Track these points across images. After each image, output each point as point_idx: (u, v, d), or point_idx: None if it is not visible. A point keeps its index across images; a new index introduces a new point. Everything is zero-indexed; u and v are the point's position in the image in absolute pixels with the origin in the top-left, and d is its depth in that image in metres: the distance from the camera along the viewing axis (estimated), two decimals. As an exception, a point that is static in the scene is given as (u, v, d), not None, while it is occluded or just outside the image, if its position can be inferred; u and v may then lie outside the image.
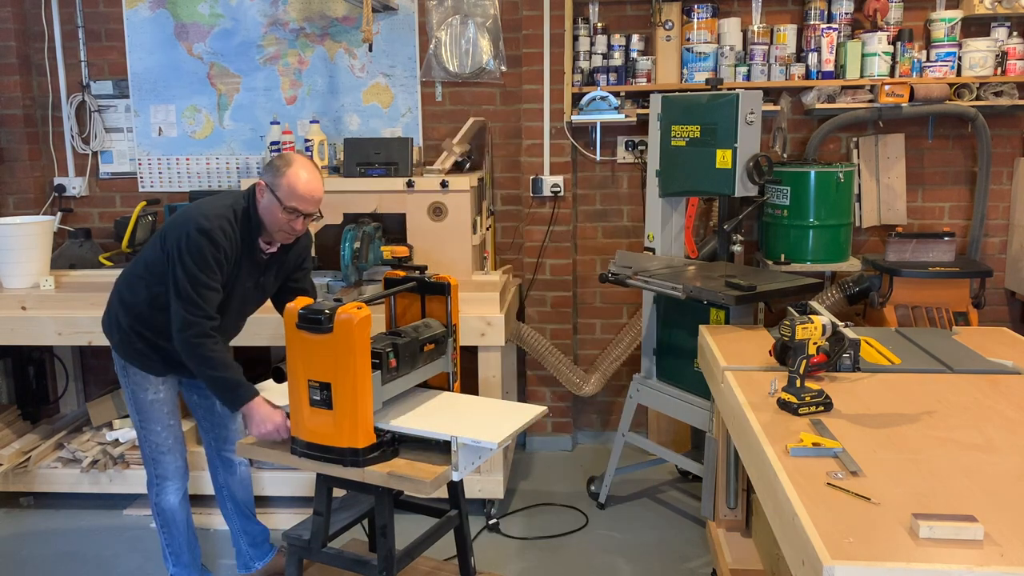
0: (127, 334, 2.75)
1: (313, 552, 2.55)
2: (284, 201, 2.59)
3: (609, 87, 4.04)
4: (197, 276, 2.55)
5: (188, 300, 2.56)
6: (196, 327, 2.56)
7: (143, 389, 2.81)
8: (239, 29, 4.35)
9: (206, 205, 2.66)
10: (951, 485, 1.71)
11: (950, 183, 4.22)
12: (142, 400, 2.82)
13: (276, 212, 2.61)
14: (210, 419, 3.01)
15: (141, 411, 2.83)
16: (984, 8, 3.90)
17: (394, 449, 2.44)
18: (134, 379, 2.80)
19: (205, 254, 2.55)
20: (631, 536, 3.50)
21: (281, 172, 2.61)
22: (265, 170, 2.67)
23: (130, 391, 2.83)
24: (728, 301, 2.95)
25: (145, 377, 2.79)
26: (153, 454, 2.87)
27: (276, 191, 2.60)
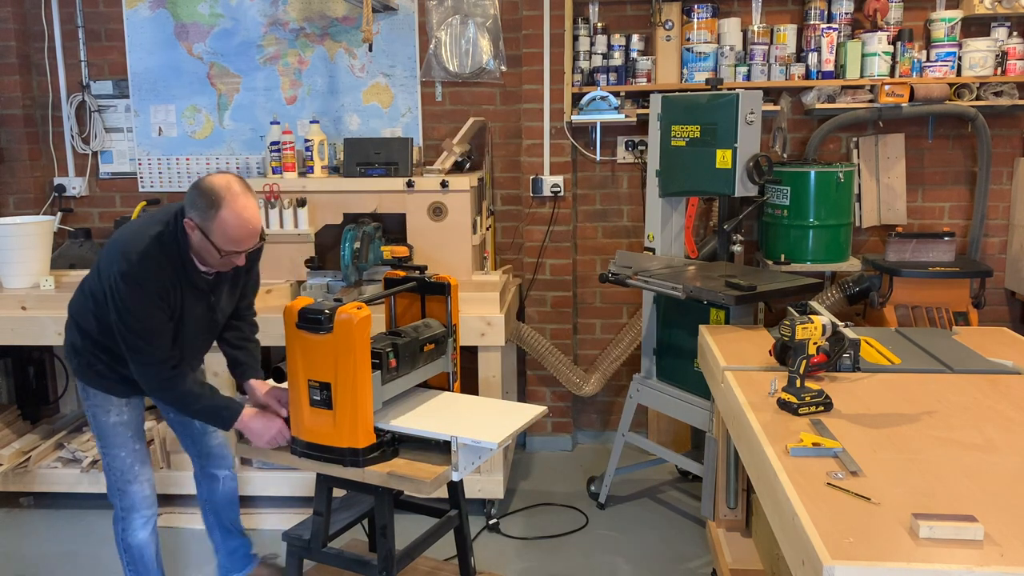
0: (85, 356, 2.62)
1: (313, 552, 2.55)
2: (219, 246, 2.39)
3: (609, 87, 4.04)
4: (134, 324, 2.40)
5: (136, 350, 2.43)
6: (156, 375, 2.47)
7: (105, 411, 2.66)
8: (239, 29, 4.35)
9: (128, 238, 2.43)
10: (951, 485, 1.71)
11: (950, 183, 4.22)
12: (104, 423, 2.67)
13: (211, 251, 2.41)
14: (189, 435, 2.91)
15: (104, 435, 2.69)
16: (984, 8, 3.90)
17: (394, 449, 2.44)
18: (95, 401, 2.66)
19: (138, 298, 2.38)
20: (631, 536, 3.50)
21: (209, 216, 2.35)
22: (190, 206, 2.39)
23: (91, 414, 2.69)
24: (728, 301, 2.95)
25: (107, 399, 2.65)
26: (119, 483, 2.70)
27: (208, 234, 2.37)
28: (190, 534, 3.54)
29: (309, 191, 3.78)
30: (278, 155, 3.93)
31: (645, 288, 3.33)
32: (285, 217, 3.76)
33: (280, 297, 3.67)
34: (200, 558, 3.35)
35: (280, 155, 3.93)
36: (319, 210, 3.78)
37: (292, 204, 3.75)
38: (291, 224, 3.76)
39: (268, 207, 3.76)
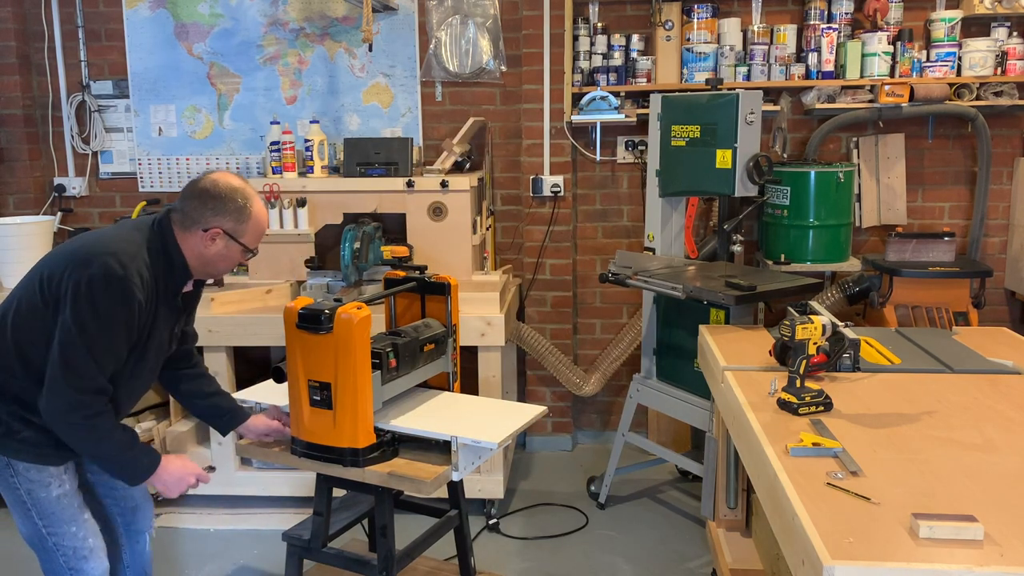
0: (8, 425, 2.14)
1: (313, 552, 2.55)
2: (251, 244, 2.26)
3: (609, 87, 4.04)
4: (93, 333, 2.01)
5: (78, 368, 2.01)
6: (87, 407, 2.04)
7: (43, 486, 2.19)
8: (239, 29, 4.35)
9: (112, 242, 2.10)
10: (951, 485, 1.71)
11: (950, 183, 4.22)
12: (44, 500, 2.20)
13: (236, 256, 2.25)
14: (112, 492, 2.46)
15: (45, 514, 2.21)
16: (984, 8, 3.90)
17: (394, 449, 2.44)
18: (26, 476, 2.18)
19: (113, 303, 2.03)
20: (631, 536, 3.50)
21: (245, 215, 2.20)
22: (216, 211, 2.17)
23: (24, 492, 2.19)
24: (728, 301, 2.95)
25: (42, 471, 2.18)
26: (71, 563, 2.25)
27: (240, 237, 2.21)
28: (190, 534, 3.55)
29: (309, 191, 3.78)
30: (278, 155, 3.93)
31: (645, 288, 3.33)
32: (285, 217, 3.76)
33: (280, 297, 3.67)
34: (200, 558, 3.35)
35: (280, 155, 3.93)
36: (319, 210, 3.78)
37: (292, 204, 3.75)
38: (291, 224, 3.76)
39: (268, 207, 3.76)
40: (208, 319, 3.46)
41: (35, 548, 2.28)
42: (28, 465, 2.17)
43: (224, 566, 3.30)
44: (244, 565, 3.31)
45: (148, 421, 3.81)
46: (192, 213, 2.18)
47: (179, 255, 2.19)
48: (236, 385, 3.54)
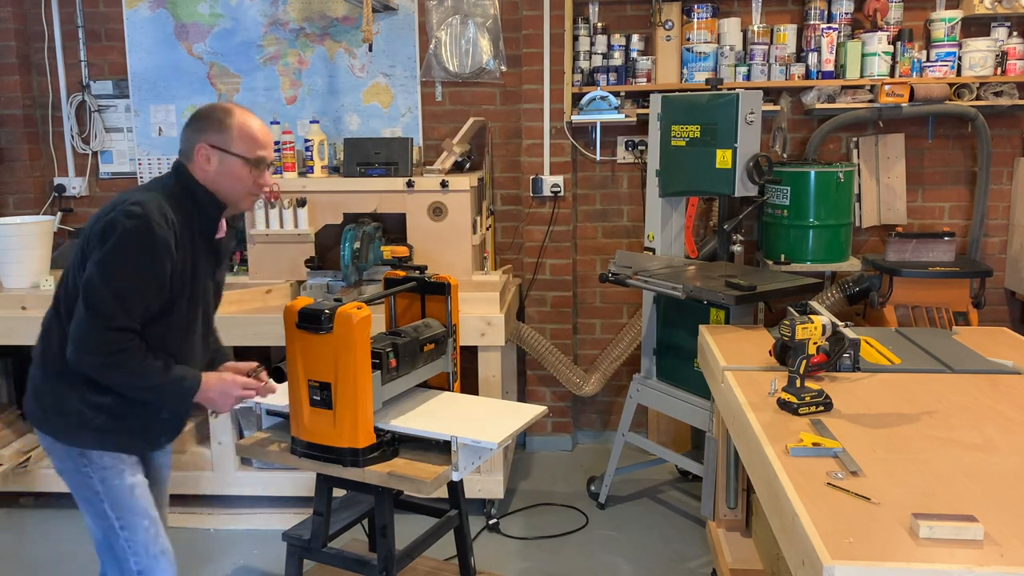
0: (80, 414, 2.09)
1: (313, 552, 2.56)
2: (248, 154, 2.13)
3: (609, 87, 4.04)
4: (119, 275, 1.97)
5: (99, 308, 1.95)
6: (110, 344, 1.97)
7: (117, 474, 2.13)
8: (239, 29, 4.35)
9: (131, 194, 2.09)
10: (951, 485, 1.71)
11: (950, 183, 4.22)
12: (118, 488, 2.12)
13: (239, 172, 2.14)
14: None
15: (118, 504, 2.12)
16: (984, 8, 3.90)
17: (394, 449, 2.44)
18: (100, 464, 2.12)
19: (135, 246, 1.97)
20: (631, 536, 3.50)
21: (227, 124, 2.11)
22: (197, 130, 2.13)
23: (98, 481, 2.12)
24: (728, 301, 2.95)
25: (116, 458, 2.14)
26: (144, 560, 2.15)
27: (230, 147, 2.11)
28: (190, 534, 3.54)
29: (309, 191, 3.78)
30: (278, 155, 3.93)
31: (645, 288, 3.33)
32: (285, 217, 3.76)
33: (280, 297, 3.67)
34: (200, 558, 3.35)
35: (280, 155, 3.93)
36: (319, 210, 3.78)
37: (292, 204, 3.75)
38: (291, 224, 3.76)
39: (268, 207, 3.76)
40: (208, 319, 3.46)
41: (104, 551, 2.19)
42: (102, 454, 2.13)
43: (224, 566, 3.30)
44: (244, 565, 3.31)
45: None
46: (184, 144, 2.17)
47: (201, 188, 2.14)
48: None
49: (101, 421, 2.10)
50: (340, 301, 2.34)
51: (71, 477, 2.16)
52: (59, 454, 2.15)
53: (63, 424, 2.12)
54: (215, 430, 3.58)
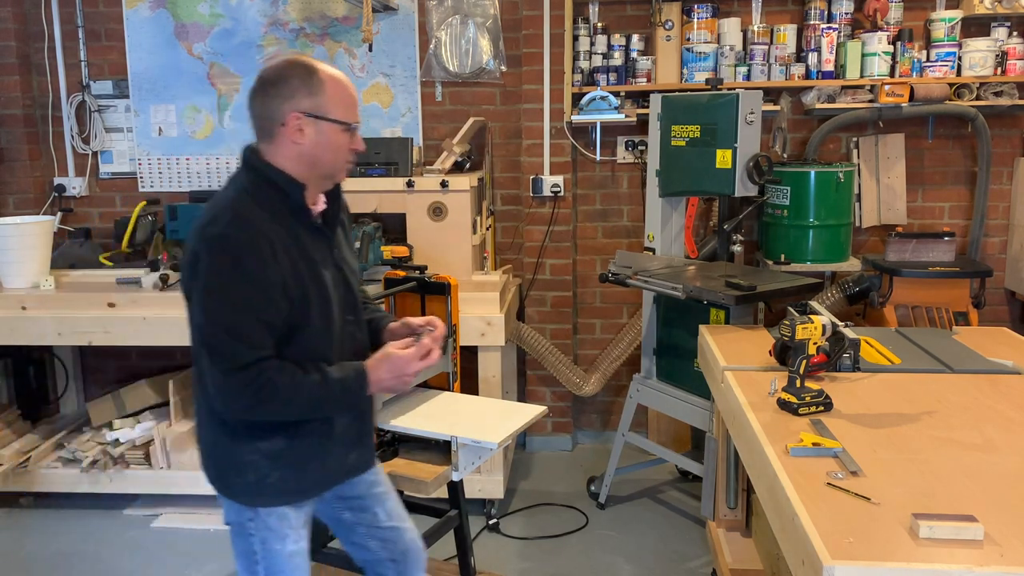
0: (256, 469, 1.87)
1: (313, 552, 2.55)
2: (343, 118, 1.82)
3: (609, 87, 4.04)
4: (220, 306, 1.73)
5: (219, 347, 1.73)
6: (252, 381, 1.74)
7: (280, 538, 1.93)
8: (239, 29, 4.35)
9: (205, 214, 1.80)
10: (951, 485, 1.71)
11: (950, 183, 4.22)
12: (277, 554, 1.93)
13: (337, 139, 1.83)
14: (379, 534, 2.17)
15: (273, 570, 1.93)
16: (984, 8, 3.90)
17: (394, 449, 2.44)
18: (266, 523, 1.92)
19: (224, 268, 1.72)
20: (631, 536, 3.50)
21: (314, 83, 1.79)
22: (282, 97, 1.78)
23: (259, 542, 1.93)
24: (728, 301, 2.95)
25: (283, 519, 1.93)
26: None
27: (327, 113, 1.80)
28: (190, 534, 3.55)
29: (309, 191, 3.77)
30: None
31: (645, 288, 3.33)
32: (285, 217, 3.75)
33: (280, 297, 3.67)
34: (200, 558, 3.35)
35: (280, 155, 3.92)
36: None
37: (292, 204, 3.75)
38: (291, 224, 3.75)
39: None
40: (208, 319, 3.46)
41: None
42: (271, 510, 1.91)
43: (224, 566, 3.30)
44: (244, 565, 3.31)
45: (148, 421, 3.81)
46: (262, 117, 1.82)
47: (277, 172, 1.81)
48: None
49: (280, 473, 1.88)
50: (340, 301, 2.34)
51: (235, 531, 1.97)
52: (230, 508, 1.95)
53: (241, 484, 1.89)
54: (215, 430, 3.57)
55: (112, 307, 3.53)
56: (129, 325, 3.50)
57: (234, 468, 1.88)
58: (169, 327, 3.47)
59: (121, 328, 3.50)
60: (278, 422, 1.85)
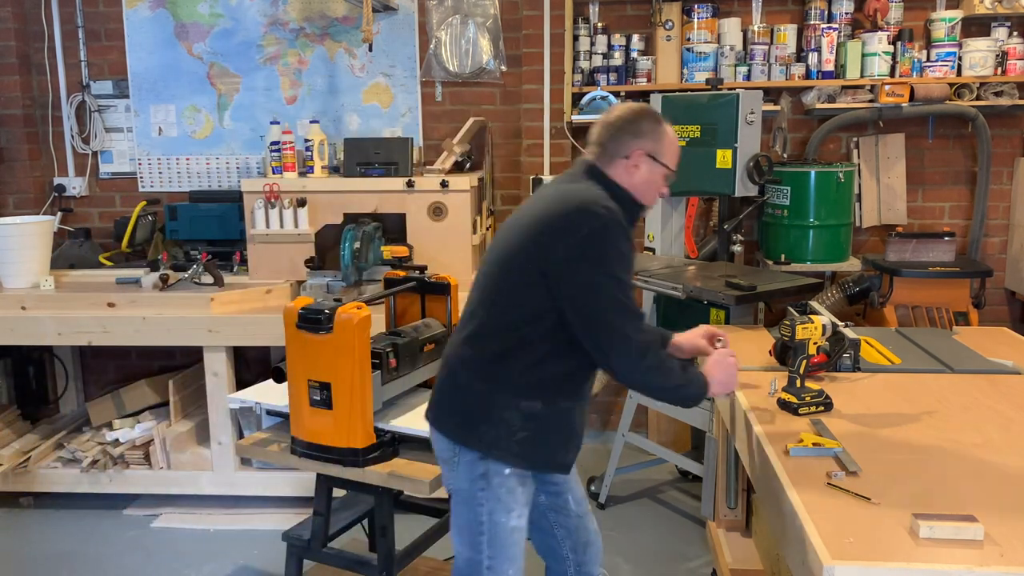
0: (508, 424, 1.95)
1: (313, 552, 2.56)
2: (672, 166, 2.07)
3: (609, 87, 4.04)
4: (622, 277, 1.91)
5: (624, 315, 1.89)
6: (648, 346, 1.92)
7: (506, 511, 1.99)
8: (239, 29, 4.35)
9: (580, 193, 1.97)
10: (951, 485, 1.71)
11: (950, 183, 4.22)
12: (502, 527, 1.99)
13: (659, 181, 2.07)
14: (566, 522, 2.26)
15: (496, 543, 2.00)
16: (984, 8, 3.90)
17: (394, 449, 2.44)
18: (496, 495, 1.98)
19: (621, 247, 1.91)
20: (631, 536, 3.50)
21: (660, 133, 2.04)
22: (633, 134, 2.02)
23: (486, 513, 1.99)
24: (728, 301, 2.96)
25: (511, 493, 1.99)
26: None
27: (661, 156, 2.04)
28: (190, 534, 3.55)
29: (309, 191, 3.78)
30: (278, 155, 3.93)
31: (645, 288, 3.33)
32: (285, 217, 3.76)
33: (280, 297, 3.67)
34: (200, 558, 3.35)
35: (280, 155, 3.93)
36: (319, 210, 3.78)
37: (292, 204, 3.75)
38: (291, 224, 3.76)
39: (268, 207, 3.76)
40: (208, 319, 3.46)
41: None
42: (502, 481, 1.98)
43: (224, 566, 3.30)
44: (244, 565, 3.31)
45: (148, 421, 3.81)
46: (610, 145, 2.05)
47: (623, 192, 2.03)
48: (236, 385, 3.54)
49: (527, 434, 1.96)
50: (340, 301, 2.35)
51: (462, 498, 2.02)
52: (462, 472, 2.00)
53: (489, 435, 1.96)
54: (215, 430, 3.58)
55: (112, 307, 3.53)
56: (129, 325, 3.49)
57: (486, 418, 1.96)
58: (169, 327, 3.48)
59: (121, 328, 3.50)
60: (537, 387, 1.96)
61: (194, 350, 3.64)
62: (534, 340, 1.94)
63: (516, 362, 1.95)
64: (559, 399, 2.00)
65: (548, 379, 1.97)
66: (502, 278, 1.98)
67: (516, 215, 2.08)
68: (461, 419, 2.01)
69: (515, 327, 1.95)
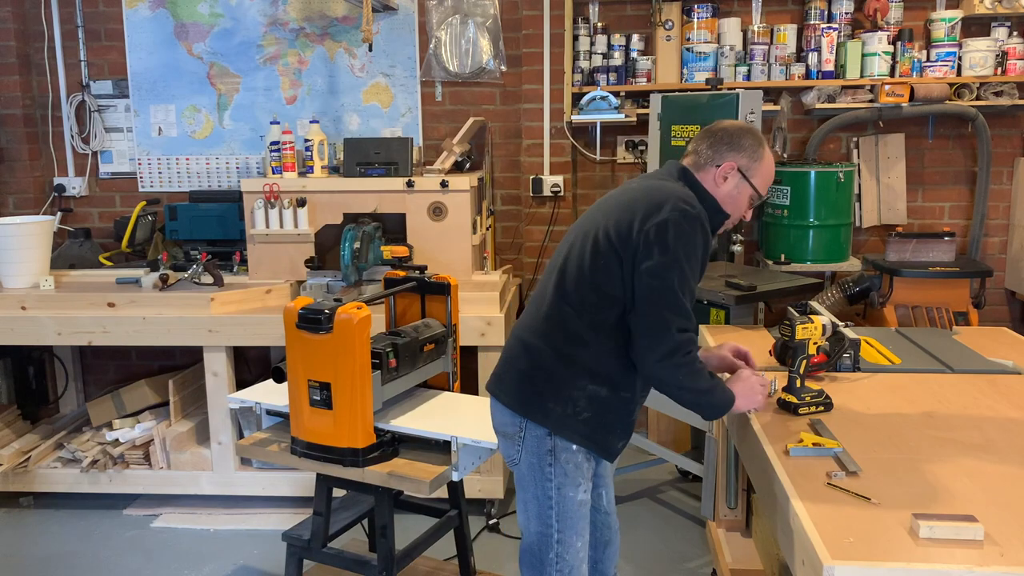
0: (575, 403, 2.00)
1: (313, 552, 2.56)
2: (761, 190, 2.10)
3: (609, 87, 4.04)
4: (683, 273, 1.93)
5: (677, 307, 1.92)
6: (687, 345, 1.93)
7: (574, 485, 2.04)
8: (239, 29, 4.35)
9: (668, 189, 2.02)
10: (951, 485, 1.71)
11: (950, 183, 4.22)
12: (570, 500, 2.04)
13: (743, 202, 2.10)
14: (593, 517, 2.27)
15: (565, 516, 2.05)
16: (984, 8, 3.90)
17: (394, 449, 2.45)
18: (564, 469, 2.02)
19: (695, 245, 1.95)
20: (631, 536, 3.50)
21: (759, 154, 2.07)
22: (731, 147, 2.07)
23: (555, 488, 2.03)
24: (728, 301, 2.96)
25: (578, 468, 2.04)
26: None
27: (752, 176, 2.07)
28: (190, 534, 3.55)
29: (309, 191, 3.78)
30: (278, 155, 3.93)
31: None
32: (285, 217, 3.76)
33: (280, 297, 3.67)
34: (200, 558, 3.35)
35: (280, 155, 3.93)
36: (319, 210, 3.78)
37: (292, 204, 3.75)
38: (291, 224, 3.76)
39: (268, 207, 3.76)
40: (208, 319, 3.46)
41: (529, 558, 2.10)
42: (570, 456, 2.02)
43: (224, 566, 3.30)
44: (244, 565, 3.31)
45: (148, 421, 3.81)
46: (705, 152, 2.09)
47: (711, 198, 2.07)
48: (236, 385, 3.54)
49: (588, 414, 2.01)
50: (340, 301, 2.35)
51: (530, 473, 2.05)
52: (529, 447, 2.03)
53: (555, 411, 2.00)
54: (215, 430, 3.58)
55: (112, 307, 3.53)
56: (129, 325, 3.50)
57: (556, 396, 2.00)
58: (169, 327, 3.48)
59: (121, 328, 3.50)
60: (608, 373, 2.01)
61: (194, 350, 3.64)
62: (611, 326, 1.98)
63: (594, 346, 1.99)
64: (623, 388, 2.05)
65: (620, 367, 2.01)
66: (584, 261, 2.00)
67: (598, 204, 2.13)
68: (531, 395, 2.03)
69: (594, 311, 1.98)
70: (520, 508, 2.11)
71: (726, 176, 2.06)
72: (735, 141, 2.07)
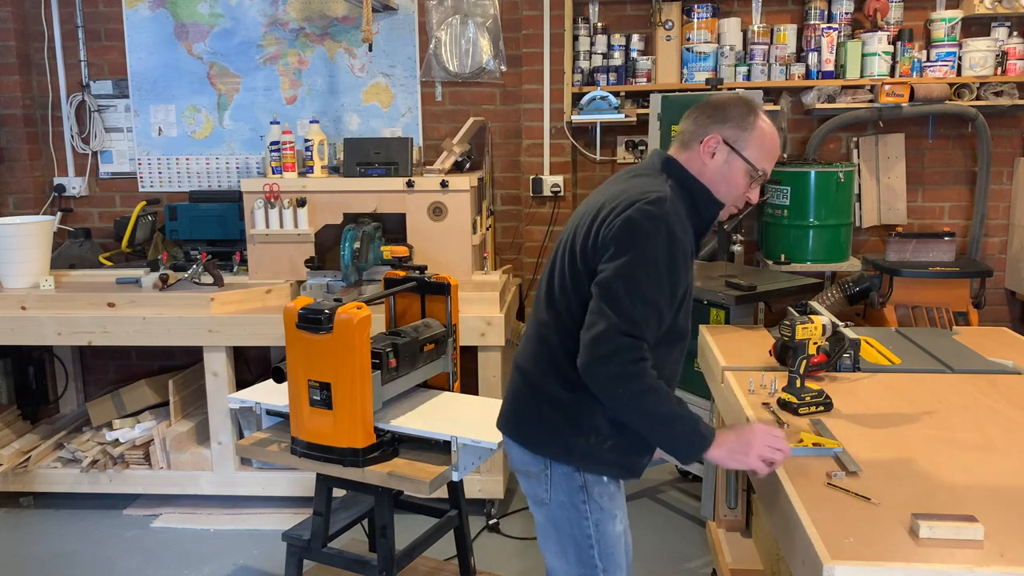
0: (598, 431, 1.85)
1: (313, 552, 2.56)
2: (757, 162, 1.84)
3: (609, 87, 4.04)
4: (637, 276, 1.72)
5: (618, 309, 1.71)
6: (628, 351, 1.70)
7: (611, 518, 1.90)
8: (239, 29, 4.35)
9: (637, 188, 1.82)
10: (951, 485, 1.71)
11: (950, 183, 4.22)
12: (610, 535, 1.91)
13: (738, 177, 1.85)
14: None
15: (607, 553, 1.90)
16: (984, 8, 3.90)
17: (394, 449, 2.45)
18: (599, 504, 1.88)
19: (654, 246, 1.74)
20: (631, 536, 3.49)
21: (747, 123, 1.84)
22: (714, 120, 1.85)
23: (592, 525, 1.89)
24: (728, 301, 2.96)
25: (612, 499, 1.91)
26: None
27: (742, 148, 1.83)
28: (190, 534, 3.55)
29: (309, 191, 3.78)
30: (278, 155, 3.93)
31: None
32: (285, 217, 3.76)
33: (280, 297, 3.67)
34: (200, 558, 3.35)
35: (280, 155, 3.93)
36: (319, 210, 3.78)
37: (292, 204, 3.75)
38: (291, 224, 3.76)
39: (268, 207, 3.76)
40: (208, 319, 3.46)
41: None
42: (602, 489, 1.88)
43: (224, 566, 3.30)
44: (244, 565, 3.31)
45: (148, 421, 3.81)
46: (688, 129, 1.89)
47: (698, 185, 1.86)
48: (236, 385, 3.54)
49: (615, 440, 1.86)
50: (340, 301, 2.35)
51: (563, 513, 1.89)
52: (558, 485, 1.87)
53: (579, 445, 1.84)
54: (215, 430, 3.58)
55: (112, 307, 3.53)
56: (129, 325, 3.50)
57: (576, 428, 1.84)
58: (169, 327, 3.48)
59: (121, 328, 3.50)
60: None
61: (194, 350, 3.64)
62: None
63: None
64: None
65: None
66: (565, 277, 1.86)
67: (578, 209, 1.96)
68: (548, 432, 1.88)
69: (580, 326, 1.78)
70: (554, 551, 1.94)
71: (713, 152, 1.84)
72: (719, 113, 1.86)
